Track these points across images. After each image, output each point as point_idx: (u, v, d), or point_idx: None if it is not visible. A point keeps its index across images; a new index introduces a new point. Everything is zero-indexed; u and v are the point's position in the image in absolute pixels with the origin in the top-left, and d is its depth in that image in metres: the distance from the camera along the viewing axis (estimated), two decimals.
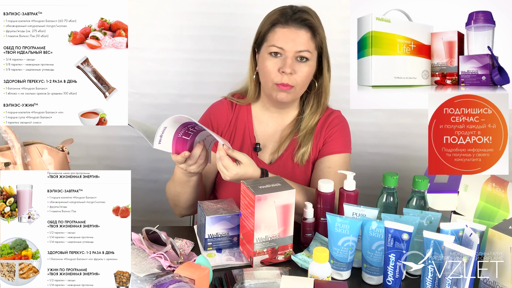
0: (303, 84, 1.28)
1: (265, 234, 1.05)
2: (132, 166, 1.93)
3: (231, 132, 1.38)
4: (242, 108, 1.39)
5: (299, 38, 1.23)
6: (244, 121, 1.38)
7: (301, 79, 1.25)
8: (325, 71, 1.32)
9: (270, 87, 1.27)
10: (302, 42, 1.23)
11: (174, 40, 1.79)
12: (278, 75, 1.24)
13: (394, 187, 1.12)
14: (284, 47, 1.23)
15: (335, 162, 1.33)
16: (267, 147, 1.37)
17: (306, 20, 1.25)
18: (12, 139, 1.06)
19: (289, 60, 1.23)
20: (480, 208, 1.12)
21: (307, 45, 1.24)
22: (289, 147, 1.35)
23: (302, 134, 1.34)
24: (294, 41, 1.23)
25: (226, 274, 1.04)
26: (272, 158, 1.37)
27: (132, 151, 1.91)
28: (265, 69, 1.26)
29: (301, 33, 1.24)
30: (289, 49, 1.23)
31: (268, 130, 1.38)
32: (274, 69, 1.24)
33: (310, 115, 1.35)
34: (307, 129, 1.34)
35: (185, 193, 1.26)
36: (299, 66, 1.24)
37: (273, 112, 1.37)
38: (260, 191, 1.03)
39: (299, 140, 1.34)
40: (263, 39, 1.28)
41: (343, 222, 1.01)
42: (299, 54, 1.24)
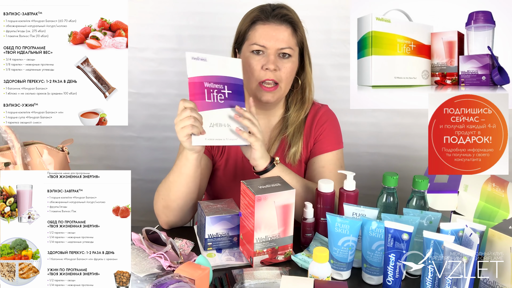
0: (288, 80, 1.27)
1: (265, 234, 1.05)
2: (132, 166, 1.93)
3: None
4: None
5: (280, 35, 1.23)
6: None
7: (286, 75, 1.25)
8: (307, 66, 1.32)
9: (255, 88, 1.26)
10: (283, 38, 1.23)
11: (174, 40, 1.79)
12: (262, 72, 1.23)
13: (394, 187, 1.12)
14: (266, 45, 1.22)
15: (328, 161, 1.32)
16: None
17: (286, 16, 1.24)
18: (12, 139, 1.06)
19: (272, 57, 1.22)
20: (480, 208, 1.12)
21: (288, 42, 1.24)
22: (279, 148, 1.34)
23: (290, 132, 1.32)
24: (275, 38, 1.22)
25: (226, 274, 1.04)
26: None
27: (132, 151, 1.92)
28: (248, 68, 1.24)
29: (282, 29, 1.23)
30: (271, 47, 1.22)
31: None
32: (258, 67, 1.23)
33: (295, 112, 1.33)
34: (295, 127, 1.33)
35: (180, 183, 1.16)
36: (282, 63, 1.24)
37: (259, 114, 1.32)
38: (260, 191, 1.03)
39: (288, 139, 1.33)
40: (244, 38, 1.27)
41: (343, 222, 1.01)
42: (281, 51, 1.23)
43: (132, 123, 1.88)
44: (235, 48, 1.32)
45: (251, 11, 1.28)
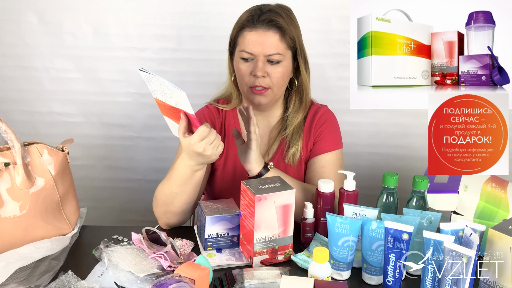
0: (279, 85, 1.25)
1: (265, 234, 1.05)
2: (132, 166, 1.93)
3: (222, 139, 1.35)
4: (228, 114, 1.37)
5: (267, 41, 1.20)
6: (232, 126, 1.36)
7: (276, 80, 1.23)
8: (302, 69, 1.29)
9: (246, 92, 1.26)
10: (270, 44, 1.20)
11: (174, 40, 1.79)
12: (252, 78, 1.23)
13: (394, 187, 1.12)
14: (254, 52, 1.20)
15: (328, 161, 1.32)
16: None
17: (273, 21, 1.20)
18: (12, 139, 1.06)
19: (260, 64, 1.20)
20: (480, 208, 1.12)
21: (276, 48, 1.21)
22: (279, 148, 1.34)
23: (289, 133, 1.32)
24: (262, 44, 1.19)
25: (226, 274, 1.04)
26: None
27: (132, 151, 1.92)
28: (239, 73, 1.25)
29: (269, 35, 1.20)
30: (258, 53, 1.20)
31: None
32: (247, 73, 1.23)
33: (294, 112, 1.33)
34: (294, 127, 1.32)
35: (184, 193, 1.16)
36: (272, 68, 1.22)
37: (257, 115, 1.33)
38: (260, 191, 1.03)
39: (288, 140, 1.33)
40: (235, 43, 1.26)
41: (343, 222, 1.01)
42: (269, 57, 1.21)
43: (132, 123, 1.88)
44: (230, 52, 1.31)
45: (242, 15, 1.26)
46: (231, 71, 1.33)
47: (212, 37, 1.77)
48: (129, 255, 1.05)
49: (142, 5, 1.76)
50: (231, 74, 1.33)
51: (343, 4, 1.71)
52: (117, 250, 1.07)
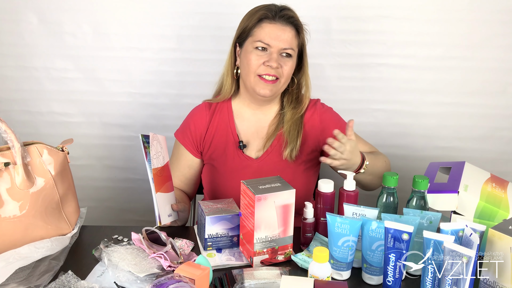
0: (287, 77, 1.31)
1: (265, 234, 1.05)
2: (132, 166, 1.93)
3: (213, 133, 1.38)
4: (223, 107, 1.40)
5: (285, 35, 1.27)
6: (225, 119, 1.38)
7: (287, 72, 1.29)
8: (306, 67, 1.36)
9: (253, 81, 1.29)
10: (287, 39, 1.27)
11: (174, 40, 1.79)
12: (263, 67, 1.27)
13: (394, 187, 1.12)
14: (271, 44, 1.26)
15: None
16: (252, 144, 1.37)
17: (292, 18, 1.28)
18: (12, 139, 1.06)
19: (275, 55, 1.26)
20: (480, 208, 1.11)
21: (291, 43, 1.28)
22: (275, 143, 1.36)
23: (287, 129, 1.35)
24: (280, 38, 1.26)
25: (226, 274, 1.04)
26: (258, 155, 1.37)
27: (132, 151, 1.91)
28: (249, 62, 1.28)
29: (287, 30, 1.27)
30: (275, 46, 1.26)
31: (251, 127, 1.38)
32: (259, 62, 1.27)
33: (290, 110, 1.37)
34: (291, 124, 1.35)
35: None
36: (284, 61, 1.28)
37: (254, 109, 1.38)
38: (260, 191, 1.03)
39: (285, 136, 1.35)
40: (249, 33, 1.29)
41: (343, 222, 1.01)
42: (284, 51, 1.27)
43: (132, 123, 1.88)
44: (236, 43, 1.34)
45: (257, 8, 1.30)
46: (232, 62, 1.35)
47: (212, 37, 1.77)
48: (129, 255, 1.05)
49: (142, 5, 1.75)
50: (232, 66, 1.35)
51: (343, 4, 1.71)
52: (117, 250, 1.07)
